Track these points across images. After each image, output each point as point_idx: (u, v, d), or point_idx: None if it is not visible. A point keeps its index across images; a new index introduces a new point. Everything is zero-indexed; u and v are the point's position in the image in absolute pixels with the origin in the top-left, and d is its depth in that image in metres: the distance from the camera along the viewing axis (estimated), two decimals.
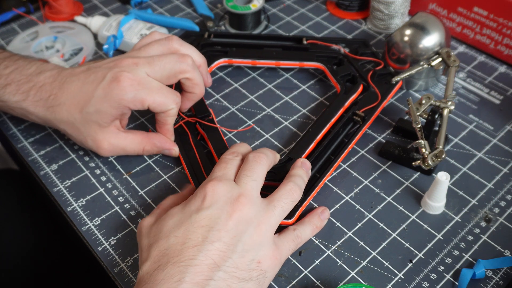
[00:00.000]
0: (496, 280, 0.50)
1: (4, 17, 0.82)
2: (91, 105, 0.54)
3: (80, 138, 0.57)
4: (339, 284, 0.50)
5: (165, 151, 0.59)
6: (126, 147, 0.58)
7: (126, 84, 0.53)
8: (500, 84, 0.70)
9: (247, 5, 0.76)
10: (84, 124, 0.55)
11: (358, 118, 0.62)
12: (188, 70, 0.56)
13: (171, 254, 0.43)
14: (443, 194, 0.54)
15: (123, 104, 0.53)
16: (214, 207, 0.45)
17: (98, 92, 0.53)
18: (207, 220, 0.44)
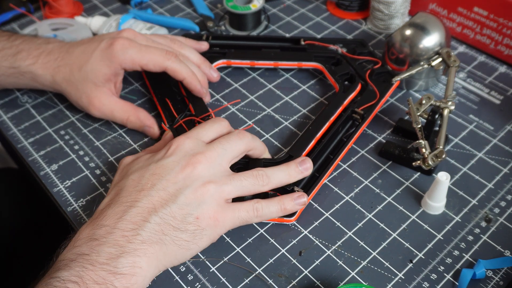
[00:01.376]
0: (496, 280, 0.50)
1: (4, 17, 0.82)
2: (89, 64, 0.60)
3: (76, 96, 0.61)
4: (339, 284, 0.50)
5: (146, 128, 0.62)
6: (114, 111, 0.61)
7: (118, 46, 0.59)
8: (500, 84, 0.70)
9: (247, 5, 0.76)
10: (81, 81, 0.60)
11: (357, 116, 0.62)
12: (172, 67, 0.60)
13: (122, 194, 0.48)
14: (443, 194, 0.54)
15: (115, 62, 0.59)
16: (172, 158, 0.49)
17: (95, 54, 0.60)
18: (161, 169, 0.49)
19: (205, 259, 0.52)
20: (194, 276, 0.51)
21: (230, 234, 0.54)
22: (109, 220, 0.46)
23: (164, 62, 0.60)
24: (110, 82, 0.61)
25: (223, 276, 0.51)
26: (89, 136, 0.65)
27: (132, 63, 0.60)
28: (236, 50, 0.72)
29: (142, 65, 0.60)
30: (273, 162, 0.55)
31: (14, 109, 0.68)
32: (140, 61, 0.59)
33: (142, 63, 0.60)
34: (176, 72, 0.60)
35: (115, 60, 0.59)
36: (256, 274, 0.51)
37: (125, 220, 0.45)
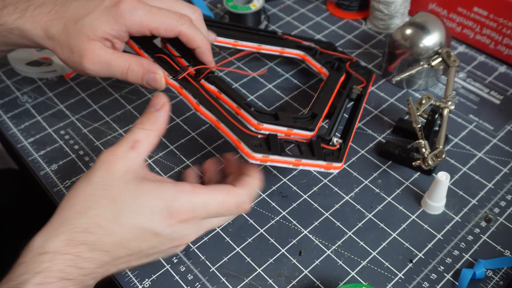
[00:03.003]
0: (496, 280, 0.50)
1: None
2: (88, 18, 0.52)
3: (66, 52, 0.53)
4: (339, 284, 0.50)
5: (150, 76, 0.53)
6: (112, 61, 0.53)
7: (126, 5, 0.51)
8: (500, 84, 0.70)
9: (247, 5, 0.76)
10: (75, 35, 0.52)
11: (356, 91, 0.63)
12: (187, 33, 0.54)
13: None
14: (443, 194, 0.54)
15: (120, 22, 0.52)
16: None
17: (98, 10, 0.52)
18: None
19: (205, 258, 0.52)
20: (194, 276, 0.51)
21: (230, 234, 0.54)
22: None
23: (178, 27, 0.52)
24: (107, 41, 0.53)
25: (223, 276, 0.51)
26: (89, 136, 0.65)
27: (141, 25, 0.52)
28: (220, 29, 0.67)
29: (152, 28, 0.52)
30: (301, 118, 0.54)
31: (14, 109, 0.68)
32: (150, 23, 0.52)
33: (152, 26, 0.52)
34: (191, 39, 0.54)
35: (121, 20, 0.51)
36: (256, 274, 0.51)
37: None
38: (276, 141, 0.50)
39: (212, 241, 0.54)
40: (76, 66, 0.54)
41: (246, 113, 0.51)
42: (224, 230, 0.54)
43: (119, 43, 0.54)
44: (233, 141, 0.49)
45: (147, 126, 0.46)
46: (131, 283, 0.50)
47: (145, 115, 0.47)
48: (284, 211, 0.56)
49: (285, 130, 0.52)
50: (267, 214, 0.56)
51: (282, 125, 0.51)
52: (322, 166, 0.51)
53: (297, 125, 0.53)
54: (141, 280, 0.51)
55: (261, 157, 0.48)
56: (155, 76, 0.53)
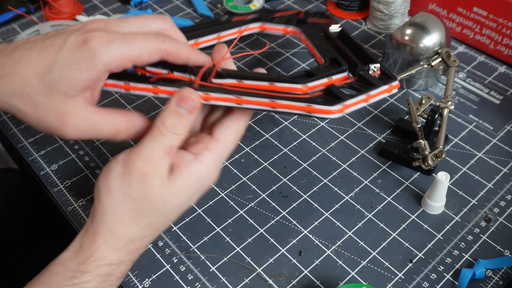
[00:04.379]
0: (496, 280, 0.50)
1: (4, 17, 0.82)
2: (55, 70, 0.43)
3: (37, 115, 0.44)
4: (339, 284, 0.50)
5: (144, 131, 0.46)
6: (98, 123, 0.45)
7: (97, 41, 0.43)
8: (500, 84, 0.70)
9: (247, 5, 0.76)
10: (45, 94, 0.44)
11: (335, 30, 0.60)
12: (172, 49, 0.47)
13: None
14: (443, 194, 0.54)
15: (96, 63, 0.43)
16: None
17: (63, 54, 0.43)
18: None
19: (205, 258, 0.52)
20: (194, 276, 0.51)
21: (230, 233, 0.54)
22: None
23: (161, 46, 0.46)
24: (87, 90, 0.45)
25: (223, 275, 0.51)
26: None
27: (121, 59, 0.44)
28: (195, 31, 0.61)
29: (134, 58, 0.44)
30: (326, 67, 0.51)
31: None
32: (130, 53, 0.44)
33: (134, 55, 0.44)
34: (177, 54, 0.47)
35: (97, 61, 0.43)
36: (256, 274, 0.51)
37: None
38: (337, 89, 0.48)
39: (212, 241, 0.54)
40: (52, 131, 0.45)
41: (284, 84, 0.47)
42: (224, 230, 0.54)
43: (99, 89, 0.47)
44: (301, 109, 0.45)
45: (180, 131, 0.43)
46: (131, 283, 0.50)
47: (178, 118, 0.43)
48: (284, 211, 0.56)
49: (326, 81, 0.49)
50: (267, 214, 0.56)
51: (321, 78, 0.48)
52: (393, 87, 0.49)
53: (333, 72, 0.49)
54: (141, 280, 0.51)
55: (341, 107, 0.45)
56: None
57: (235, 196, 0.58)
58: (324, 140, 0.63)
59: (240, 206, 0.57)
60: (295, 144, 0.63)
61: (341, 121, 0.65)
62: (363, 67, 0.51)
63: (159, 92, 0.47)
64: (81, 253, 0.42)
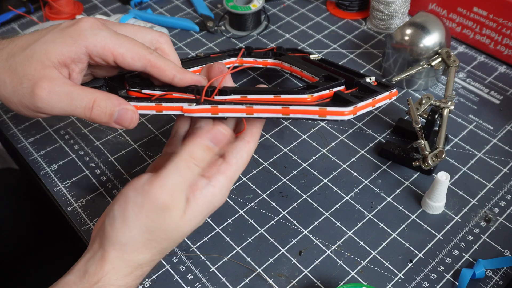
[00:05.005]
0: (496, 280, 0.50)
1: (4, 17, 0.82)
2: (39, 43, 0.44)
3: (14, 83, 0.44)
4: (339, 284, 0.50)
5: (121, 111, 0.45)
6: (73, 93, 0.43)
7: (87, 24, 0.44)
8: (500, 84, 0.70)
9: (247, 5, 0.76)
10: (23, 62, 0.43)
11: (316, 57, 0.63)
12: (156, 63, 0.47)
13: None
14: (443, 194, 0.54)
15: (79, 42, 0.43)
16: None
17: (52, 32, 0.44)
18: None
19: (205, 258, 0.52)
20: (194, 276, 0.51)
21: (230, 233, 0.54)
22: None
23: (147, 55, 0.45)
24: (65, 67, 0.44)
25: (223, 275, 0.51)
26: (89, 136, 0.65)
27: (104, 48, 0.44)
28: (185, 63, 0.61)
29: (117, 54, 0.44)
30: (322, 83, 0.51)
31: None
32: (115, 48, 0.44)
33: (118, 51, 0.44)
34: (163, 68, 0.46)
35: (81, 40, 0.43)
36: (256, 274, 0.51)
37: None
38: (345, 94, 0.48)
39: (212, 241, 0.54)
40: (24, 101, 0.44)
41: (289, 96, 0.47)
42: (224, 230, 0.54)
43: (77, 71, 0.46)
44: (315, 113, 0.45)
45: (205, 164, 0.43)
46: None
47: (207, 153, 0.43)
48: (284, 211, 0.56)
49: (328, 92, 0.49)
50: (267, 214, 0.56)
51: (323, 89, 0.49)
52: (393, 94, 0.50)
53: (333, 85, 0.50)
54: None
55: (353, 108, 0.45)
56: (126, 111, 0.45)
57: (235, 196, 0.58)
58: (324, 140, 0.63)
59: (240, 206, 0.57)
60: (295, 144, 0.63)
61: (341, 121, 0.65)
62: (359, 79, 0.51)
63: (163, 110, 0.47)
64: (87, 278, 0.41)
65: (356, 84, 0.51)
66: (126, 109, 0.45)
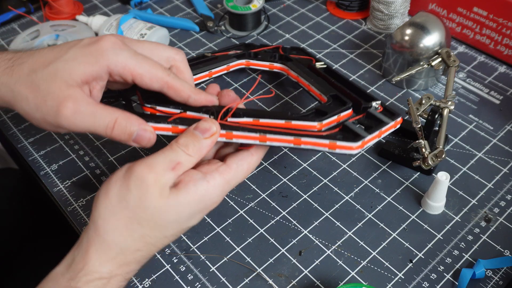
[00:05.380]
0: (496, 280, 0.50)
1: (4, 17, 0.82)
2: (62, 60, 0.45)
3: (37, 100, 0.45)
4: (339, 284, 0.50)
5: (140, 131, 0.46)
6: (96, 112, 0.45)
7: (109, 44, 0.46)
8: (500, 84, 0.70)
9: (247, 5, 0.76)
10: (47, 80, 0.44)
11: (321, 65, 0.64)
12: (174, 84, 0.48)
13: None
14: (443, 194, 0.54)
15: (101, 62, 0.45)
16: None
17: (73, 49, 0.45)
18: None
19: (205, 258, 0.52)
20: (194, 276, 0.51)
21: (230, 233, 0.54)
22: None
23: (165, 77, 0.47)
24: (87, 85, 0.46)
25: (223, 275, 0.51)
26: (89, 136, 0.65)
27: (124, 68, 0.46)
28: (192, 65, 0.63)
29: (136, 75, 0.46)
30: (330, 105, 0.52)
31: None
32: (135, 68, 0.46)
33: (137, 72, 0.46)
34: (179, 90, 0.48)
35: (103, 59, 0.45)
36: (256, 274, 0.51)
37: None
38: (353, 126, 0.49)
39: (212, 241, 0.54)
40: (48, 118, 0.45)
41: (300, 122, 0.49)
42: (224, 230, 0.54)
43: (98, 89, 0.47)
44: (325, 146, 0.46)
45: (191, 152, 0.44)
46: (131, 283, 0.50)
47: (192, 139, 0.44)
48: (284, 211, 0.56)
49: (336, 118, 0.50)
50: (267, 214, 0.56)
51: (331, 116, 0.50)
52: (398, 123, 0.51)
53: (341, 110, 0.51)
54: (141, 280, 0.51)
55: (361, 143, 0.46)
56: (145, 132, 0.46)
57: (235, 196, 0.58)
58: None
59: (240, 206, 0.57)
60: None
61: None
62: (366, 104, 0.52)
63: (179, 132, 0.48)
64: (73, 267, 0.41)
65: (362, 110, 0.52)
66: (145, 130, 0.46)
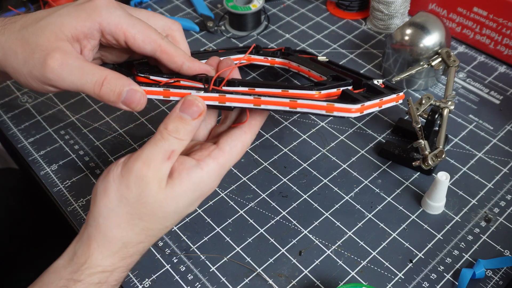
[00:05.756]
0: (496, 280, 0.50)
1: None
2: (53, 16, 0.44)
3: (26, 54, 0.43)
4: (339, 284, 0.50)
5: (131, 90, 0.44)
6: (85, 68, 0.43)
7: (103, 3, 0.45)
8: (500, 84, 0.70)
9: (247, 5, 0.76)
10: (36, 33, 0.43)
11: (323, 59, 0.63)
12: (168, 48, 0.47)
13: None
14: (443, 194, 0.54)
15: (94, 17, 0.44)
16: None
17: (65, 8, 0.45)
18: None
19: (205, 258, 0.52)
20: (194, 276, 0.51)
21: (230, 233, 0.54)
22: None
23: (158, 40, 0.46)
24: (77, 42, 0.45)
25: (223, 275, 0.51)
26: (89, 136, 0.65)
27: (117, 27, 0.44)
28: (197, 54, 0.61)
29: (129, 35, 0.45)
30: (330, 82, 0.51)
31: (14, 109, 0.68)
32: (128, 28, 0.45)
33: (130, 32, 0.45)
34: (173, 55, 0.47)
35: (95, 15, 0.44)
36: (256, 274, 0.51)
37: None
38: (353, 93, 0.48)
39: (212, 241, 0.54)
40: (34, 71, 0.43)
41: (297, 91, 0.47)
42: (224, 230, 0.54)
43: (89, 48, 0.46)
44: (322, 108, 0.44)
45: (183, 136, 0.42)
46: (131, 283, 0.50)
47: (181, 123, 0.42)
48: (284, 211, 0.56)
49: (335, 91, 0.49)
50: (267, 214, 0.56)
51: (331, 87, 0.48)
52: (399, 97, 0.50)
53: (340, 84, 0.49)
54: (141, 280, 0.51)
55: (360, 106, 0.45)
56: (135, 93, 0.44)
57: (235, 196, 0.58)
58: (324, 140, 0.63)
59: (240, 206, 0.57)
60: (295, 144, 0.63)
61: (341, 121, 0.65)
62: (367, 81, 0.51)
63: (171, 95, 0.47)
64: (75, 260, 0.41)
65: (364, 85, 0.51)
66: (135, 90, 0.44)
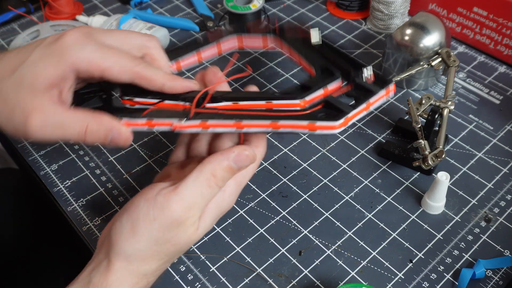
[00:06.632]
0: (496, 280, 0.50)
1: (4, 17, 0.82)
2: (26, 65, 0.43)
3: (7, 112, 0.43)
4: (339, 284, 0.50)
5: (114, 133, 0.44)
6: (65, 122, 0.43)
7: (71, 39, 0.43)
8: (500, 84, 0.70)
9: (247, 5, 0.76)
10: (13, 89, 0.42)
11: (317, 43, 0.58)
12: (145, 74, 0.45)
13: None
14: (443, 194, 0.54)
15: (65, 59, 0.43)
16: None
17: (36, 52, 0.43)
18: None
19: (205, 258, 0.52)
20: (194, 276, 0.51)
21: (230, 233, 0.54)
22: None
23: (134, 67, 0.44)
24: (54, 88, 0.43)
25: (223, 275, 0.51)
26: None
27: (89, 64, 0.43)
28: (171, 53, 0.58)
29: (103, 69, 0.43)
30: (318, 79, 0.49)
31: None
32: (101, 62, 0.43)
33: (104, 65, 0.43)
34: (151, 79, 0.45)
35: (66, 57, 0.42)
36: (256, 274, 0.51)
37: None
38: (337, 101, 0.46)
39: (212, 241, 0.54)
40: (17, 131, 0.43)
41: (281, 101, 0.46)
42: (224, 230, 0.54)
43: (67, 89, 0.44)
44: (303, 128, 0.44)
45: (223, 184, 0.43)
46: None
47: (229, 174, 0.43)
48: (284, 211, 0.56)
49: (322, 92, 0.47)
50: (267, 214, 0.56)
51: (316, 89, 0.47)
52: (390, 90, 0.48)
53: (327, 82, 0.48)
54: None
55: (344, 120, 0.44)
56: (119, 136, 0.44)
57: None
58: (324, 140, 0.63)
59: (240, 206, 0.57)
60: (295, 144, 0.63)
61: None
62: (356, 73, 0.49)
63: (155, 126, 0.46)
64: None
65: (351, 80, 0.49)
66: (119, 133, 0.44)
